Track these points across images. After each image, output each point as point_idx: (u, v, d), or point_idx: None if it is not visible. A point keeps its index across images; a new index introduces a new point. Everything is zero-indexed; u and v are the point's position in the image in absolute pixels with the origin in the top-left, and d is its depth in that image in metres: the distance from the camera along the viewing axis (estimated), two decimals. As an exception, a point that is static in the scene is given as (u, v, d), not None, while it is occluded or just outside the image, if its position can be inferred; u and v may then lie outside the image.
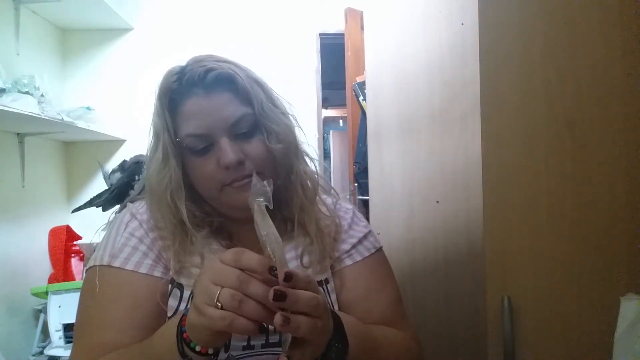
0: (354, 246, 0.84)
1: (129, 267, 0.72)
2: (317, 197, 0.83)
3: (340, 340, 0.60)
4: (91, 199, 1.22)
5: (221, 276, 0.51)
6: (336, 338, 0.59)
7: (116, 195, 1.12)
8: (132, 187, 1.01)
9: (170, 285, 0.74)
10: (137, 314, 0.70)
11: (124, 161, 1.14)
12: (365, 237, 0.86)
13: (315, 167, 0.83)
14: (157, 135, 0.76)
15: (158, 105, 0.75)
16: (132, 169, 1.03)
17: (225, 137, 0.73)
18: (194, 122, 0.73)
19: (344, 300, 0.80)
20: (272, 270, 0.51)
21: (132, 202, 0.84)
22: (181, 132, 0.74)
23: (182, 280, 0.74)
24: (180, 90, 0.74)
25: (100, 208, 1.24)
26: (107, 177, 1.18)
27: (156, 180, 0.75)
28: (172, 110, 0.75)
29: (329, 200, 0.88)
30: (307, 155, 0.83)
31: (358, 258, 0.83)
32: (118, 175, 1.13)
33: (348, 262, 0.82)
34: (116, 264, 0.72)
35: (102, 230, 0.81)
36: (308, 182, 0.81)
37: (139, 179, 1.00)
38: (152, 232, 0.76)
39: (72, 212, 1.27)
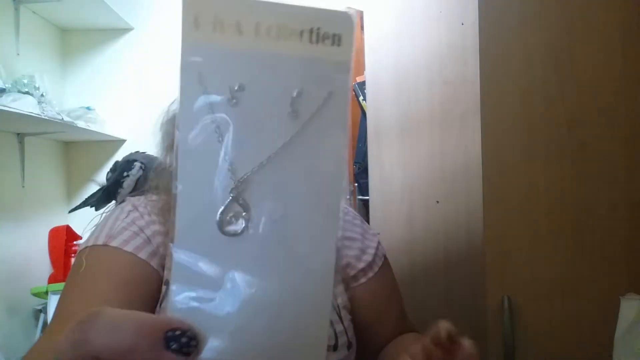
0: (369, 264, 0.78)
1: (128, 248, 0.65)
2: None
3: None
4: (86, 198, 1.21)
5: None
6: None
7: (106, 193, 1.11)
8: (121, 185, 0.99)
9: (165, 287, 0.68)
10: (129, 292, 0.62)
11: (116, 162, 1.14)
12: (377, 247, 0.81)
13: None
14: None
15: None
16: (122, 167, 1.01)
17: None
18: None
19: (363, 318, 0.75)
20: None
21: (123, 200, 0.82)
22: None
23: None
24: None
25: (94, 208, 1.23)
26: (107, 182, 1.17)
27: None
28: None
29: None
30: None
31: (374, 272, 0.78)
32: (112, 174, 1.12)
33: (362, 280, 0.77)
34: (114, 244, 0.66)
35: (92, 227, 0.75)
36: None
37: (127, 176, 0.98)
38: (153, 225, 0.72)
39: (69, 212, 1.25)
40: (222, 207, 0.34)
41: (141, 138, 2.45)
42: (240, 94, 0.36)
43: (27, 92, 1.82)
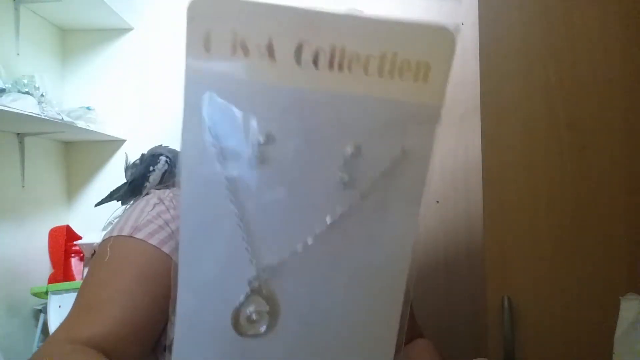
0: None
1: (153, 242, 0.65)
2: None
3: None
4: (111, 192, 1.21)
5: None
6: None
7: (132, 187, 1.11)
8: (147, 179, 0.99)
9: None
10: (154, 286, 0.61)
11: (143, 154, 1.14)
12: None
13: None
14: None
15: None
16: (147, 161, 1.01)
17: None
18: None
19: None
20: None
21: (147, 193, 0.82)
22: None
23: None
24: None
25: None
26: (127, 169, 1.17)
27: None
28: None
29: None
30: None
31: None
32: (137, 167, 1.10)
33: None
34: (139, 236, 0.65)
35: (116, 219, 0.75)
36: None
37: (154, 170, 0.98)
38: (178, 220, 0.72)
39: (95, 205, 1.24)
40: (239, 302, 0.25)
41: (141, 138, 2.45)
42: (269, 148, 0.23)
43: (27, 92, 1.82)
